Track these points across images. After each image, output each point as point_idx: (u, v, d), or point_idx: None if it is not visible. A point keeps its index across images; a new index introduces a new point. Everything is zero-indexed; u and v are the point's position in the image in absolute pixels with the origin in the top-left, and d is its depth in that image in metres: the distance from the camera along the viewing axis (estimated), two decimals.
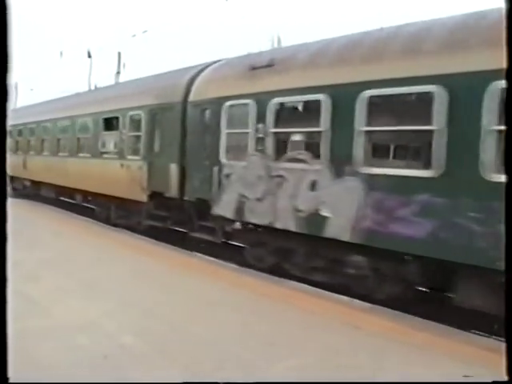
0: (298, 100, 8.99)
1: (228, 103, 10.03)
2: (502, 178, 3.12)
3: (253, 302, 7.29)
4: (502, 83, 3.93)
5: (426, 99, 6.71)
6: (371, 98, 7.29)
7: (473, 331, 6.56)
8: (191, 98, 11.55)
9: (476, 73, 6.17)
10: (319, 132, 8.08)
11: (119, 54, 30.43)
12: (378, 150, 7.76)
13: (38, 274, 8.40)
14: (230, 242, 11.51)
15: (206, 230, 11.06)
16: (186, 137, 11.59)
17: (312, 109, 8.44)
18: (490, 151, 5.99)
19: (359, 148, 7.38)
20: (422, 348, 5.57)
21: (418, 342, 5.78)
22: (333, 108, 7.83)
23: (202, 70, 11.85)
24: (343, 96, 7.69)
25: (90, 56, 30.96)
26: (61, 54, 32.91)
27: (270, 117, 8.96)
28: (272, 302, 7.32)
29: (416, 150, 7.55)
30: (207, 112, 10.82)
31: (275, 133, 8.95)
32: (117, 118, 14.90)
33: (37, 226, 14.70)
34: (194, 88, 11.57)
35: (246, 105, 9.51)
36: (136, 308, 6.82)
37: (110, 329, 5.97)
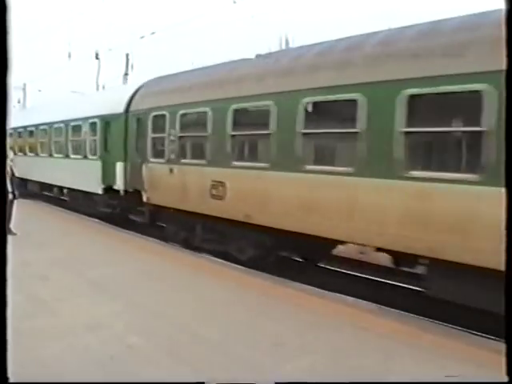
0: None
1: None
2: None
3: (260, 303, 7.27)
4: None
5: None
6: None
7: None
8: None
9: None
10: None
11: (127, 55, 30.45)
12: None
13: (47, 273, 8.45)
14: None
15: None
16: None
17: None
18: None
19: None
20: (432, 350, 5.53)
21: (427, 344, 5.74)
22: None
23: None
24: None
25: (98, 57, 31.02)
26: (69, 55, 32.95)
27: None
28: (279, 303, 7.30)
29: None
30: None
31: None
32: None
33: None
34: None
35: None
36: (144, 308, 6.82)
37: (118, 329, 5.97)
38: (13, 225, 12.12)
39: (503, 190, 4.17)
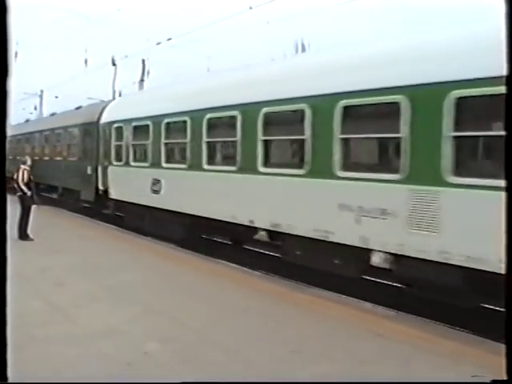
0: None
1: None
2: None
3: (277, 309, 7.22)
4: None
5: None
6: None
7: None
8: None
9: None
10: None
11: (143, 61, 30.65)
12: None
13: (64, 279, 8.50)
14: None
15: None
16: None
17: None
18: None
19: None
20: (452, 357, 5.42)
21: (447, 351, 5.63)
22: None
23: None
24: None
25: (114, 64, 31.26)
26: (85, 61, 33.22)
27: None
28: (296, 309, 7.24)
29: None
30: None
31: None
32: None
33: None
34: None
35: None
36: (161, 314, 6.82)
37: (135, 336, 5.96)
38: (30, 230, 12.25)
39: None
